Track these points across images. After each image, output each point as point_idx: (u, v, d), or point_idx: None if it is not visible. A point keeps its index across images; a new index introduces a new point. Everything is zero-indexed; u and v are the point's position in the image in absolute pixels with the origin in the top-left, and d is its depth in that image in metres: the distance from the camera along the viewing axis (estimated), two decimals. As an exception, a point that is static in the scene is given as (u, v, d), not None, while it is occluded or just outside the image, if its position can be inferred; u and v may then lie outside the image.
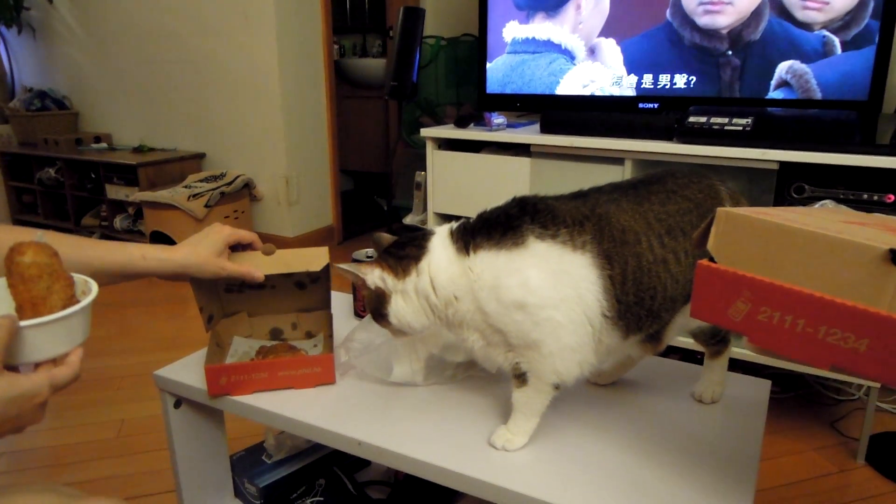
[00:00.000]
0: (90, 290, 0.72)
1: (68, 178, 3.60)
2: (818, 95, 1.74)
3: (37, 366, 0.66)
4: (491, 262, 0.77)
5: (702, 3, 1.83)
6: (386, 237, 0.89)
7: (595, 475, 0.78)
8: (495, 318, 0.78)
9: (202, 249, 0.95)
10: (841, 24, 1.68)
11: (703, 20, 1.84)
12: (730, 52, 1.83)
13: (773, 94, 1.81)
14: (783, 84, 1.79)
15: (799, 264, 0.50)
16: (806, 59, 1.74)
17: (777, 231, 0.52)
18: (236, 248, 1.02)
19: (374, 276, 0.83)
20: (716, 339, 0.90)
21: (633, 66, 1.97)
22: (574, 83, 2.07)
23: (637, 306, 0.77)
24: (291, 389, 0.99)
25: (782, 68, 1.77)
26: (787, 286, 0.50)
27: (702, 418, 0.92)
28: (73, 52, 3.88)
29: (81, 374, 0.67)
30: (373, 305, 0.85)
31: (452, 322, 0.83)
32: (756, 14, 1.77)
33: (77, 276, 0.72)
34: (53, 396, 0.64)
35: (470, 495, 0.84)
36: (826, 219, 0.59)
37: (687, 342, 1.80)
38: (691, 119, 1.74)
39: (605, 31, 1.98)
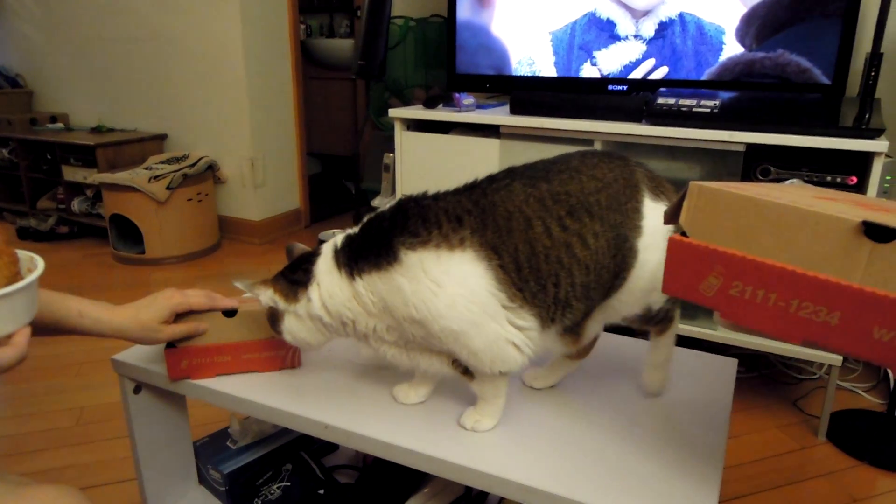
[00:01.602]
0: (36, 266, 0.68)
1: (22, 159, 3.47)
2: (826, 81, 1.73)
3: None
4: (374, 285, 0.76)
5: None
6: (299, 247, 0.89)
7: (565, 455, 0.78)
8: (404, 332, 0.78)
9: (144, 316, 0.89)
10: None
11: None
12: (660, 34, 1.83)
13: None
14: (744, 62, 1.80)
15: (771, 238, 0.50)
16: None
17: (750, 205, 0.51)
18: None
19: (266, 297, 0.84)
20: (655, 321, 0.86)
21: (584, 50, 1.96)
22: (542, 65, 2.06)
23: (542, 293, 0.73)
24: (256, 373, 0.97)
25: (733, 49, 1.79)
26: (760, 260, 0.49)
27: (670, 396, 0.92)
28: (26, 28, 3.72)
29: (34, 359, 0.64)
30: (270, 320, 0.86)
31: (358, 336, 0.82)
32: None
33: (22, 253, 0.68)
34: (3, 384, 0.60)
35: (439, 477, 0.83)
36: (797, 194, 0.58)
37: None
38: (660, 101, 1.74)
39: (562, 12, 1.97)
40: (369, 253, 0.76)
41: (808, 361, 1.97)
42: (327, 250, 0.82)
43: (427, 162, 2.10)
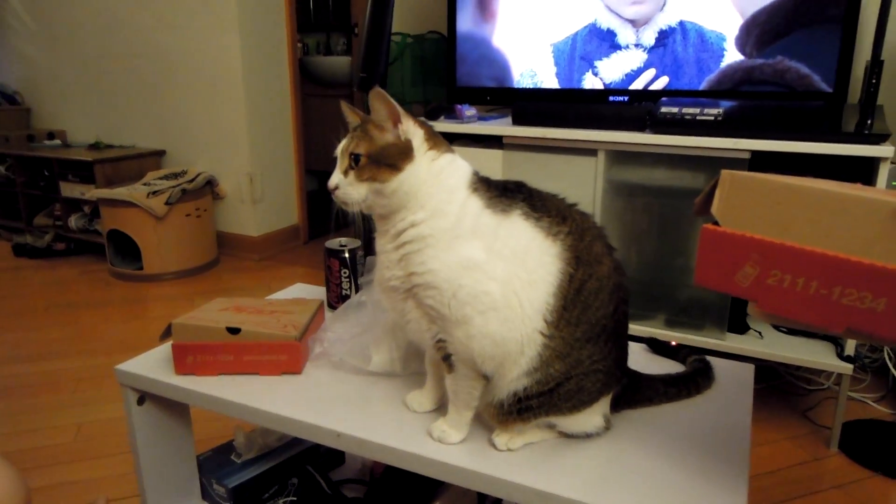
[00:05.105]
0: None
1: (19, 175, 3.45)
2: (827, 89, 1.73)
3: None
4: (476, 211, 0.74)
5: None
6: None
7: (584, 461, 0.76)
8: (441, 273, 0.73)
9: None
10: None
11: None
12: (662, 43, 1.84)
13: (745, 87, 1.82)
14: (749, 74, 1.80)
15: (809, 224, 0.48)
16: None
17: (785, 191, 0.50)
18: None
19: (410, 128, 0.76)
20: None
21: (584, 61, 1.96)
22: (544, 77, 2.06)
23: (569, 327, 0.73)
24: (264, 382, 0.95)
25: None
26: (799, 247, 0.48)
27: (691, 403, 0.90)
28: (24, 46, 3.72)
29: (32, 375, 0.61)
30: (382, 154, 0.75)
31: (384, 238, 0.78)
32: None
33: None
34: (1, 401, 0.57)
35: (453, 488, 0.81)
36: (826, 183, 0.57)
37: (654, 331, 1.80)
38: (663, 109, 1.74)
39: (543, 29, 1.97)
40: (495, 191, 0.76)
41: (816, 371, 1.95)
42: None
43: (429, 174, 2.09)
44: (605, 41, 1.96)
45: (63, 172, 3.24)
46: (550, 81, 2.07)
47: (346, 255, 1.17)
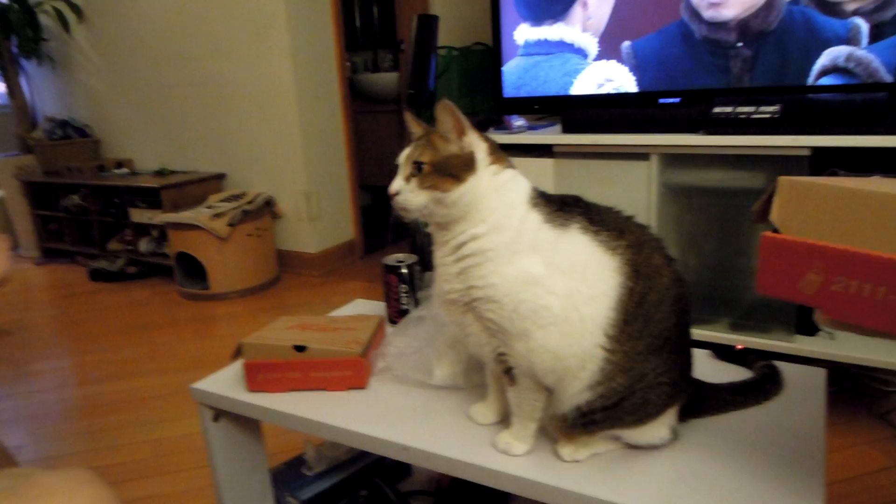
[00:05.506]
0: None
1: (92, 204, 3.64)
2: (888, 79, 1.67)
3: None
4: (535, 226, 0.76)
5: (720, -7, 1.80)
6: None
7: (656, 473, 0.75)
8: (501, 287, 0.74)
9: None
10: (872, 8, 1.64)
11: (709, 13, 1.81)
12: (740, 45, 1.79)
13: (823, 81, 1.75)
14: (833, 71, 1.73)
15: (873, 228, 0.48)
16: (835, 44, 1.70)
17: (848, 196, 0.49)
18: None
19: (474, 141, 0.78)
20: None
21: (646, 62, 1.94)
22: (589, 82, 2.04)
23: (630, 341, 0.73)
24: (331, 397, 0.98)
25: (833, 55, 1.72)
26: (864, 252, 0.47)
27: (761, 409, 0.89)
28: (91, 81, 3.94)
29: (110, 394, 0.66)
30: (445, 164, 0.77)
31: (441, 251, 0.80)
32: (769, 4, 1.74)
33: None
34: (85, 420, 0.61)
35: (519, 499, 0.81)
36: (890, 185, 0.56)
37: (719, 336, 1.76)
38: (716, 109, 1.71)
39: (616, 29, 1.96)
40: (554, 206, 0.77)
41: (892, 372, 1.87)
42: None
43: (481, 185, 2.11)
44: (673, 44, 1.93)
45: (132, 199, 3.41)
46: (601, 87, 2.06)
47: (404, 270, 1.20)
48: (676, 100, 1.94)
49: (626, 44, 1.97)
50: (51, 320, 3.01)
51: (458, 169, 0.76)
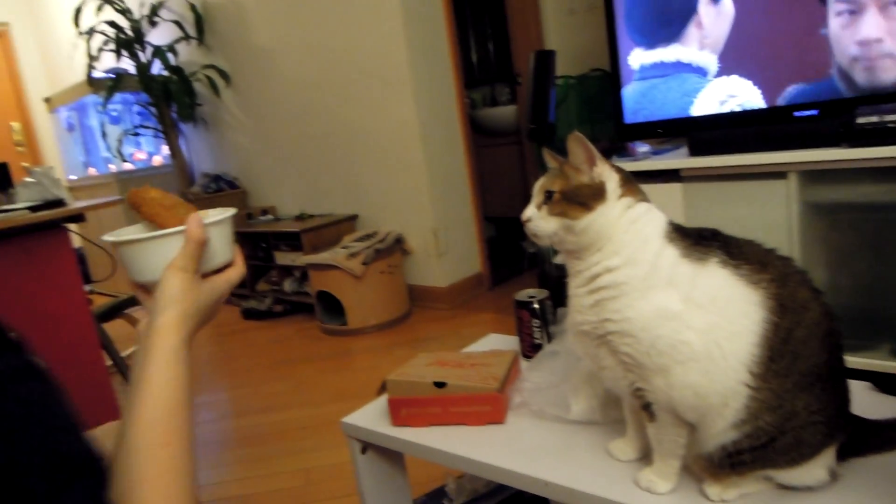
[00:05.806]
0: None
1: (243, 248, 3.98)
2: None
3: (205, 274, 0.71)
4: (672, 261, 0.75)
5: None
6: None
7: (810, 512, 0.72)
8: (637, 322, 0.74)
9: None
10: None
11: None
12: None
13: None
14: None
15: None
16: None
17: None
18: None
19: (607, 173, 0.80)
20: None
21: (774, 72, 1.85)
22: (710, 100, 1.98)
23: (776, 379, 0.71)
24: (471, 432, 1.02)
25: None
26: None
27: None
28: (238, 138, 4.36)
29: (262, 426, 0.72)
30: (575, 193, 0.79)
31: (576, 281, 0.81)
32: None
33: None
34: (241, 449, 0.68)
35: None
36: None
37: (878, 363, 1.61)
38: (860, 120, 1.60)
39: (739, 43, 1.89)
40: (690, 240, 0.77)
41: None
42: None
43: (606, 214, 2.09)
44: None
45: (276, 243, 3.71)
46: (724, 104, 1.99)
47: (536, 305, 1.22)
48: (814, 111, 1.83)
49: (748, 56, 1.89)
50: (210, 356, 3.31)
51: (587, 198, 0.79)
